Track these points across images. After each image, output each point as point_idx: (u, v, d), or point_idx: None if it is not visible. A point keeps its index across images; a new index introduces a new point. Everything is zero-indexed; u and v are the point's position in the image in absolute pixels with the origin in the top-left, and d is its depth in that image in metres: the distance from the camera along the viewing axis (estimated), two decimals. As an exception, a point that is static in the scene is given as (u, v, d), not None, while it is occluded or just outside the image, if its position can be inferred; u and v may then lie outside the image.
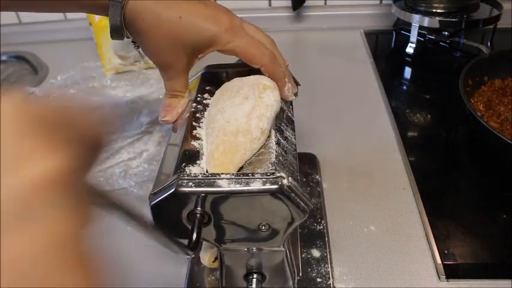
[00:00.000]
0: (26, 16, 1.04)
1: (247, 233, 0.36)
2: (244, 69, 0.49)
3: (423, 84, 0.82)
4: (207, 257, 0.45)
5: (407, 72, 0.88)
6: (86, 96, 0.78)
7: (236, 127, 0.36)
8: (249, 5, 1.03)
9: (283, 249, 0.38)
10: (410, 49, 0.88)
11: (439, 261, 0.47)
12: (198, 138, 0.40)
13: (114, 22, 0.43)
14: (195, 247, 0.32)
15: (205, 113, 0.44)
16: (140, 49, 0.47)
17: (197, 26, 0.42)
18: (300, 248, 0.49)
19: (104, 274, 0.22)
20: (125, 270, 0.40)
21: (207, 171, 0.35)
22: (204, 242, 0.44)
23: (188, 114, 0.43)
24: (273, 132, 0.39)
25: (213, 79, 0.49)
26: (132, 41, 0.47)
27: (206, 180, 0.33)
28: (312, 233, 0.50)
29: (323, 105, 0.75)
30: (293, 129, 0.43)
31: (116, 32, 0.44)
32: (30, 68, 0.96)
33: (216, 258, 0.44)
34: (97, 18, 0.82)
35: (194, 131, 0.41)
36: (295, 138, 0.41)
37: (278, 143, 0.38)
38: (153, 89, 0.80)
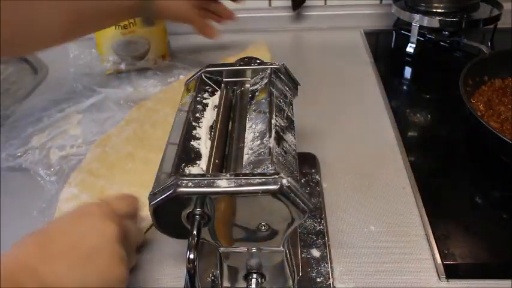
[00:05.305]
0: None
1: (247, 233, 0.36)
2: (244, 67, 0.50)
3: (423, 84, 0.82)
4: None
5: (408, 72, 0.88)
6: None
7: None
8: (249, 5, 1.03)
9: (283, 249, 0.38)
10: (410, 49, 0.88)
11: (439, 261, 0.47)
12: (198, 138, 0.40)
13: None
14: (195, 247, 0.32)
15: (205, 113, 0.44)
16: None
17: None
18: (300, 248, 0.48)
19: None
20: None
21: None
22: None
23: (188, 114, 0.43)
24: (272, 132, 0.39)
25: (213, 79, 0.49)
26: None
27: (205, 181, 0.33)
28: (312, 233, 0.50)
29: (323, 105, 0.75)
30: (293, 129, 0.42)
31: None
32: (30, 68, 0.96)
33: None
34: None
35: (194, 131, 0.41)
36: (295, 138, 0.41)
37: (278, 143, 0.38)
38: (152, 88, 0.80)
